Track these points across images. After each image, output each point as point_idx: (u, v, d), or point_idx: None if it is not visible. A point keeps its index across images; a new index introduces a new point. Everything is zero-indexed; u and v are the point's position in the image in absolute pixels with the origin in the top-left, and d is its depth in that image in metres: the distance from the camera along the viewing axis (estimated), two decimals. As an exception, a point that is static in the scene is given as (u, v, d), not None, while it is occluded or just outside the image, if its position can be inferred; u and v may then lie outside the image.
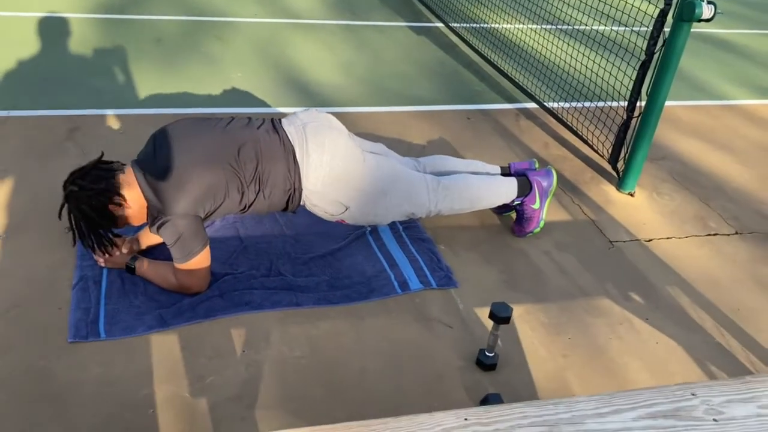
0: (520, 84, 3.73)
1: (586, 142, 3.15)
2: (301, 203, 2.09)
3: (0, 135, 2.76)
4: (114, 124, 2.95)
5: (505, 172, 2.49)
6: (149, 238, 2.15)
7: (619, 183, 2.91)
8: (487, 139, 3.22)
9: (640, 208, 2.80)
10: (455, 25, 4.57)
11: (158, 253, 2.15)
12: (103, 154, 1.96)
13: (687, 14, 2.42)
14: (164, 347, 1.84)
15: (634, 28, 4.25)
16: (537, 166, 2.49)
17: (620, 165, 2.92)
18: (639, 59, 2.75)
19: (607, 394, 0.98)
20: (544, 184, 2.39)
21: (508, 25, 4.81)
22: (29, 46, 3.62)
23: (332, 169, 2.02)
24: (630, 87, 2.84)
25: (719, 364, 2.02)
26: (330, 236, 2.35)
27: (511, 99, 3.69)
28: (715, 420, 0.95)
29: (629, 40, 3.84)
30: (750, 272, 2.46)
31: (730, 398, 0.98)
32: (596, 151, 3.10)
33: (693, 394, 0.99)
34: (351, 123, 3.21)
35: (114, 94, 3.21)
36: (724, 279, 2.41)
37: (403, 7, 5.05)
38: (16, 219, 2.27)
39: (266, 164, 1.95)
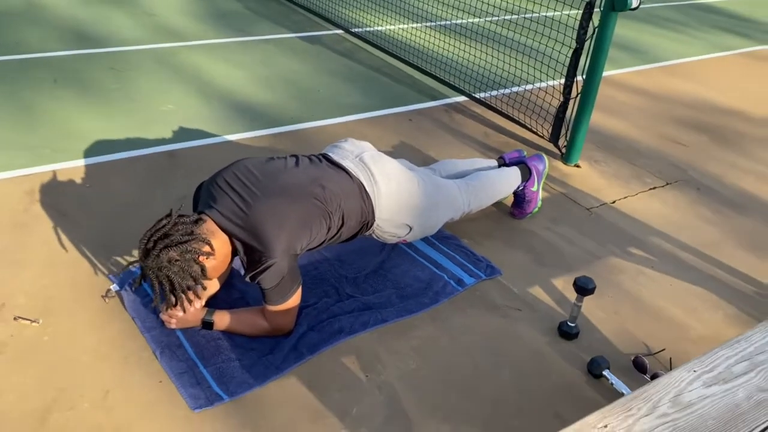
0: (444, 79, 3.98)
1: (524, 125, 3.50)
2: (368, 233, 2.13)
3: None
4: (74, 176, 2.66)
5: (501, 164, 2.72)
6: (207, 291, 2.04)
7: (565, 157, 3.29)
8: (435, 136, 3.42)
9: (589, 177, 3.20)
10: (357, 30, 4.69)
11: (218, 302, 2.05)
12: (181, 207, 1.82)
13: (619, 5, 2.82)
14: (288, 393, 1.79)
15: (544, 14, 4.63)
16: (525, 153, 2.75)
17: (561, 141, 3.30)
18: (570, 47, 3.13)
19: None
20: (540, 167, 2.66)
21: (416, 24, 5.04)
22: None
23: (400, 195, 2.10)
24: (564, 72, 3.22)
25: (720, 291, 2.45)
26: (366, 251, 2.40)
27: (434, 96, 3.92)
28: None
29: (550, 27, 4.20)
30: (694, 213, 2.97)
31: None
32: (535, 133, 3.46)
33: None
34: (310, 138, 3.21)
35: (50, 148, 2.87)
36: (682, 222, 2.88)
37: (282, 17, 5.04)
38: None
39: (345, 200, 1.97)
